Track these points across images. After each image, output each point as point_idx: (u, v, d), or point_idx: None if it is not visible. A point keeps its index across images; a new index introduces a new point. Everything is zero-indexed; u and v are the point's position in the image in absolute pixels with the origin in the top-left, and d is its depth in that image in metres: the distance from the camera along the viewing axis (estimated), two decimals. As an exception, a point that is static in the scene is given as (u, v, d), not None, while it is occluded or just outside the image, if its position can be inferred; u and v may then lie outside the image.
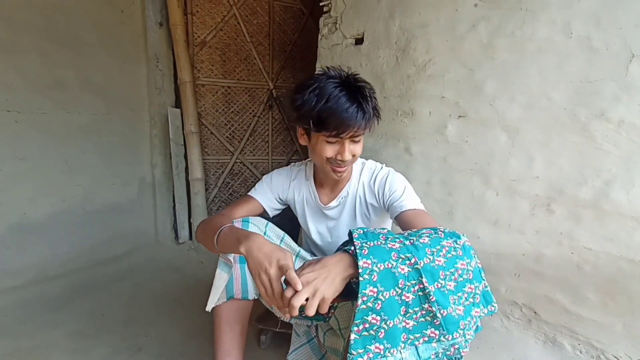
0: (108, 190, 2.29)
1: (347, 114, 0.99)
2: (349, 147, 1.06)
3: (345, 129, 1.01)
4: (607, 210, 1.26)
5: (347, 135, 1.03)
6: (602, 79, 1.24)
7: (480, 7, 1.43)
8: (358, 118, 1.01)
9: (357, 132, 1.03)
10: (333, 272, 0.77)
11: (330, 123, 1.01)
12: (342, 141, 1.05)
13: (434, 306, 0.74)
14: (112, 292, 1.93)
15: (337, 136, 1.03)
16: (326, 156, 1.08)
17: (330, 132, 1.02)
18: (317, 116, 1.01)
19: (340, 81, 1.03)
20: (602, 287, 1.30)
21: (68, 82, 2.04)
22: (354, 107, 1.00)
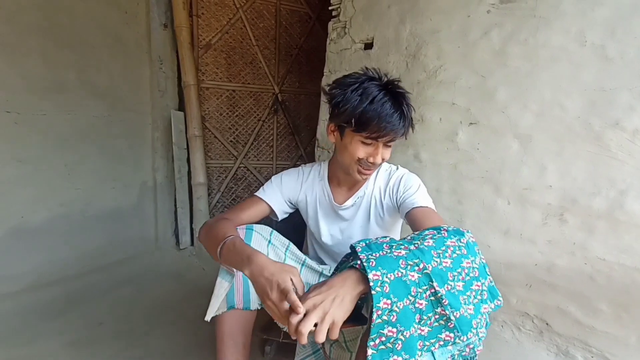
0: (108, 195, 2.25)
1: (391, 119, 1.01)
2: (382, 151, 1.07)
3: (386, 134, 1.02)
4: (622, 221, 1.24)
5: (386, 140, 1.04)
6: (616, 88, 1.23)
7: (493, 13, 1.42)
8: (400, 125, 1.03)
9: (394, 138, 1.05)
10: (341, 292, 0.72)
11: (372, 126, 1.02)
12: (377, 144, 1.06)
13: (447, 309, 0.73)
14: (111, 300, 1.88)
15: (376, 139, 1.04)
16: (358, 156, 1.08)
17: (369, 134, 1.03)
18: (360, 117, 1.01)
19: (382, 85, 1.04)
20: (616, 299, 1.28)
21: (69, 84, 2.01)
22: (398, 113, 1.02)
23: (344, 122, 1.05)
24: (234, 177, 2.71)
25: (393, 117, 1.01)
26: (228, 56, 2.52)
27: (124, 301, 1.88)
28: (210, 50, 2.47)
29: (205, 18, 2.43)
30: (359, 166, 1.10)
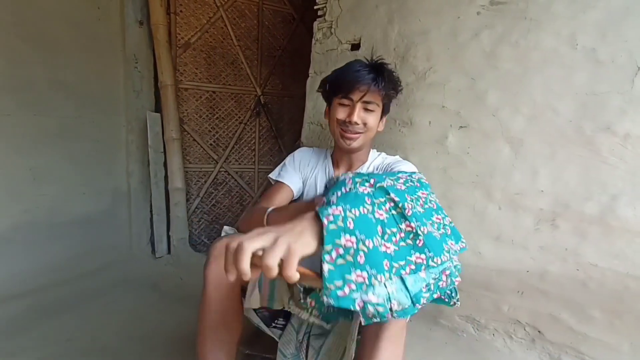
0: (77, 201, 2.11)
1: (358, 74, 1.10)
2: (359, 112, 1.13)
3: (355, 87, 1.10)
4: (614, 226, 1.23)
5: (357, 94, 1.11)
6: (608, 91, 1.21)
7: (483, 15, 1.39)
8: (367, 79, 1.10)
9: (367, 95, 1.11)
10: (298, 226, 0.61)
11: (342, 83, 1.13)
12: (353, 104, 1.13)
13: (412, 221, 0.66)
14: (80, 314, 1.74)
15: (348, 96, 1.13)
16: (337, 117, 1.16)
17: (342, 92, 1.13)
18: (333, 80, 1.17)
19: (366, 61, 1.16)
20: (609, 306, 1.26)
21: (37, 83, 1.88)
22: (366, 70, 1.11)
23: (326, 91, 1.19)
24: (214, 181, 2.60)
25: (360, 73, 1.10)
26: (208, 56, 2.43)
27: (94, 315, 1.74)
28: (189, 49, 2.37)
29: (184, 16, 2.33)
30: (341, 129, 1.17)
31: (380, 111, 1.18)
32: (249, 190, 2.71)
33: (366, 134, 1.17)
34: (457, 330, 1.56)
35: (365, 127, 1.15)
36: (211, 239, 2.65)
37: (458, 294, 0.80)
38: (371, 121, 1.15)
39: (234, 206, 2.69)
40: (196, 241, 2.58)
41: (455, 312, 1.56)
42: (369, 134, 1.18)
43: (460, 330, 1.56)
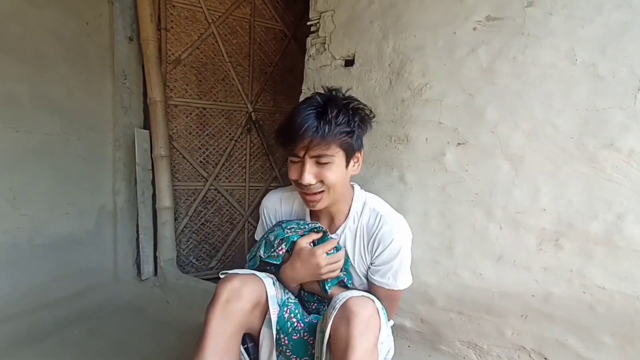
0: (60, 221, 2.02)
1: (301, 126, 0.93)
2: (310, 169, 0.98)
3: (296, 141, 0.95)
4: (621, 246, 1.18)
5: (300, 150, 0.96)
6: (609, 107, 1.18)
7: (480, 30, 1.37)
8: (308, 129, 0.93)
9: (312, 149, 0.95)
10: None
11: (284, 137, 0.98)
12: (302, 160, 0.98)
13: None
14: (61, 340, 1.65)
15: (293, 152, 0.99)
16: (291, 178, 1.03)
17: (286, 147, 1.00)
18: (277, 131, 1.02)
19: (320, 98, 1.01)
20: (619, 331, 1.20)
21: (20, 98, 1.81)
22: (310, 116, 0.95)
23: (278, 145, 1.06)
24: (204, 200, 2.53)
25: (306, 120, 0.94)
26: (199, 72, 2.39)
27: (75, 341, 1.65)
28: (180, 65, 2.34)
29: (174, 32, 2.30)
30: (300, 190, 1.04)
31: (341, 159, 1.01)
32: (239, 208, 2.64)
33: (330, 192, 1.02)
34: (458, 356, 1.48)
35: (323, 185, 1.00)
36: (200, 260, 2.56)
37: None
38: (330, 177, 0.99)
39: (224, 225, 2.61)
40: (184, 262, 2.48)
41: (456, 338, 1.48)
42: (334, 191, 1.02)
43: (461, 356, 1.48)
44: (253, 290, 0.96)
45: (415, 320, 1.55)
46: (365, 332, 0.82)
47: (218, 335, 0.90)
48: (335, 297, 0.92)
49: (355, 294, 0.90)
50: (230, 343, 0.92)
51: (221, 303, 0.92)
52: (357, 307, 0.84)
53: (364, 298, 0.89)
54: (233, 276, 0.97)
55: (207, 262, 2.58)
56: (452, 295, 1.46)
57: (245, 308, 0.94)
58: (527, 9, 1.29)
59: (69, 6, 1.96)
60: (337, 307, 0.87)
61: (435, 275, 1.48)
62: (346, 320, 0.83)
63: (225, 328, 0.91)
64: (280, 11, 2.56)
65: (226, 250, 2.64)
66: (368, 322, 0.84)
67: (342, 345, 0.82)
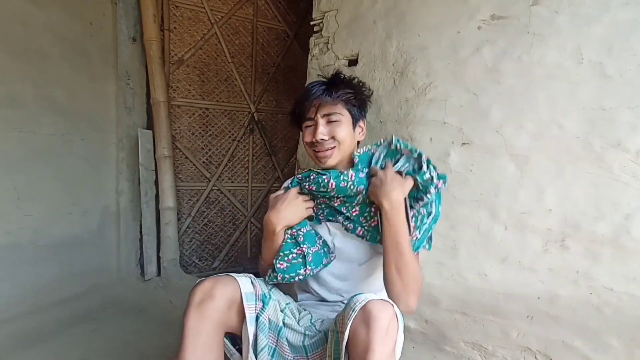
0: (64, 221, 2.03)
1: (311, 92, 1.13)
2: (322, 127, 1.12)
3: (309, 105, 1.13)
4: (629, 248, 1.17)
5: (312, 110, 1.13)
6: (617, 106, 1.17)
7: (484, 29, 1.36)
8: (319, 92, 1.12)
9: (323, 107, 1.12)
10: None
11: (299, 107, 1.16)
12: (316, 122, 1.13)
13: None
14: (65, 341, 1.65)
15: (307, 117, 1.14)
16: (306, 141, 1.17)
17: (303, 114, 1.16)
18: (292, 108, 1.19)
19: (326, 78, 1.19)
20: (627, 333, 1.19)
21: (24, 99, 1.82)
22: (320, 85, 1.14)
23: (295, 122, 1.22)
24: (206, 200, 2.54)
25: (313, 90, 1.13)
26: (202, 73, 2.40)
27: (79, 342, 1.66)
28: (183, 66, 2.34)
29: (177, 33, 2.31)
30: (313, 151, 1.17)
31: (348, 120, 1.16)
32: (241, 208, 2.64)
33: (340, 148, 1.14)
34: (463, 357, 1.47)
35: (335, 141, 1.13)
36: (203, 260, 2.56)
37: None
38: (340, 133, 1.13)
39: (226, 225, 2.61)
40: (187, 262, 2.49)
41: (460, 339, 1.47)
42: (343, 146, 1.15)
43: (466, 357, 1.47)
44: (225, 290, 0.97)
45: (420, 321, 1.55)
46: (385, 337, 0.83)
47: (196, 335, 0.93)
48: (352, 298, 0.92)
49: (375, 297, 0.91)
50: (208, 342, 0.95)
51: (195, 304, 0.95)
52: (377, 310, 0.85)
53: (384, 302, 0.89)
54: (205, 279, 1.01)
55: (210, 262, 2.58)
56: (456, 297, 1.45)
57: (219, 307, 0.96)
58: (532, 8, 1.28)
59: (72, 7, 1.97)
60: (357, 310, 0.87)
61: (440, 277, 1.47)
62: (366, 324, 0.83)
63: (201, 328, 0.94)
64: (282, 11, 2.56)
65: (229, 251, 2.64)
66: (388, 327, 0.84)
67: (362, 348, 0.83)
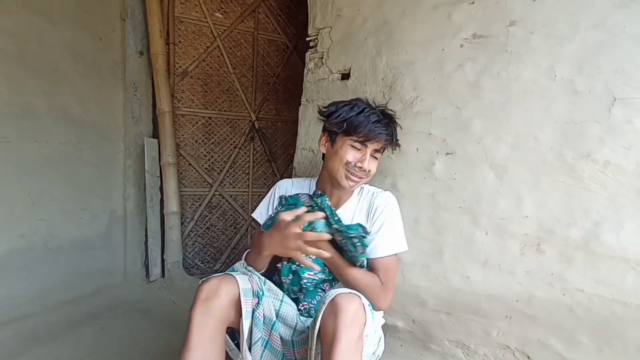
0: (74, 225, 2.14)
1: (376, 125, 1.18)
2: (369, 158, 1.20)
3: (374, 137, 1.18)
4: (598, 252, 1.24)
5: (372, 143, 1.19)
6: (586, 120, 1.25)
7: (466, 47, 1.45)
8: (383, 133, 1.19)
9: (380, 145, 1.21)
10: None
11: (361, 129, 1.18)
12: (365, 150, 1.20)
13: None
14: (74, 338, 1.75)
15: (364, 143, 1.19)
16: (347, 159, 1.20)
17: (359, 137, 1.18)
18: (349, 122, 1.19)
19: (371, 105, 1.24)
20: (597, 332, 1.27)
21: (39, 110, 1.94)
22: (383, 122, 1.20)
23: (335, 129, 1.21)
24: (209, 205, 2.64)
25: (378, 125, 1.18)
26: (205, 83, 2.51)
27: (87, 339, 1.75)
28: (187, 77, 2.45)
29: (182, 46, 2.42)
30: (347, 171, 1.20)
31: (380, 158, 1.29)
32: (242, 213, 2.74)
33: (367, 179, 1.25)
34: (448, 355, 1.56)
35: (369, 174, 1.23)
36: (205, 262, 2.66)
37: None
38: (374, 168, 1.25)
39: (228, 229, 2.71)
40: (190, 264, 2.59)
41: (445, 337, 1.56)
42: (369, 179, 1.27)
43: (450, 355, 1.55)
44: (229, 288, 1.06)
45: (407, 320, 1.63)
46: (351, 325, 0.91)
47: (201, 329, 1.02)
48: (326, 294, 1.01)
49: (344, 291, 1.00)
50: (212, 335, 1.03)
51: (201, 301, 1.04)
52: (344, 301, 0.94)
53: (351, 294, 0.98)
54: (211, 277, 1.10)
55: (212, 264, 2.68)
56: (441, 298, 1.53)
57: (223, 304, 1.05)
58: (509, 28, 1.37)
59: (84, 24, 2.09)
60: (326, 303, 0.97)
61: (426, 279, 1.55)
62: (334, 314, 0.92)
63: (206, 323, 1.02)
64: (282, 24, 2.67)
65: (230, 254, 2.74)
66: (354, 316, 0.93)
67: (330, 336, 0.92)
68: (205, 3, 2.43)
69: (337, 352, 0.89)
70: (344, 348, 0.89)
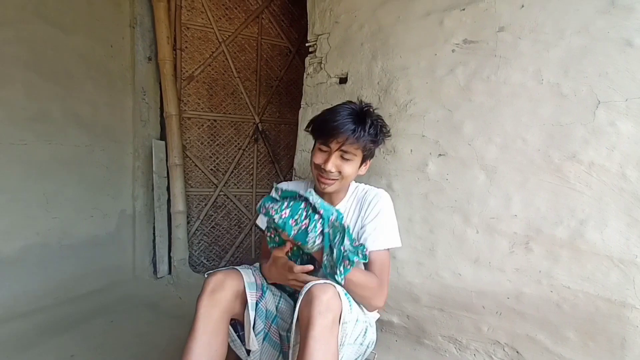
0: (86, 223, 2.23)
1: (339, 123, 1.13)
2: (335, 160, 1.17)
3: (333, 136, 1.14)
4: (583, 250, 1.28)
5: (334, 144, 1.15)
6: (572, 122, 1.29)
7: (458, 52, 1.50)
8: (347, 129, 1.13)
9: (344, 145, 1.15)
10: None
11: (323, 130, 1.16)
12: (330, 152, 1.17)
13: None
14: (84, 331, 1.83)
15: (327, 143, 1.16)
16: (315, 161, 1.20)
17: (321, 137, 1.18)
18: (318, 121, 1.19)
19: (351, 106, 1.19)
20: (582, 327, 1.30)
21: (52, 114, 2.03)
22: (349, 118, 1.14)
23: (308, 130, 1.23)
24: (214, 204, 2.71)
25: (345, 122, 1.13)
26: (210, 87, 2.59)
27: (97, 333, 1.83)
28: (193, 82, 2.54)
29: (188, 51, 2.51)
30: (317, 173, 1.21)
31: (359, 159, 1.23)
32: (246, 213, 2.81)
33: (342, 181, 1.22)
34: (440, 350, 1.60)
35: (340, 175, 1.20)
36: (210, 260, 2.74)
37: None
38: (347, 170, 1.19)
39: (232, 228, 2.79)
40: (196, 262, 2.67)
41: (438, 333, 1.60)
42: (345, 181, 1.23)
43: (443, 350, 1.60)
44: (234, 282, 1.13)
45: (402, 316, 1.68)
46: (325, 312, 0.96)
47: (206, 320, 1.07)
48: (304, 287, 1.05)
49: (320, 282, 1.04)
50: (217, 326, 1.09)
51: (207, 293, 1.10)
52: (318, 291, 0.99)
53: (325, 284, 1.03)
54: (217, 271, 1.16)
55: (217, 262, 2.76)
56: (434, 294, 1.58)
57: (228, 297, 1.11)
58: (498, 34, 1.42)
59: (95, 31, 2.19)
60: (303, 294, 1.02)
61: (420, 276, 1.60)
62: (309, 303, 0.97)
63: (211, 313, 1.08)
64: (285, 29, 2.74)
65: (234, 252, 2.82)
66: (328, 303, 0.97)
67: (305, 323, 0.97)
68: (210, 10, 2.51)
69: (311, 336, 0.93)
70: (318, 332, 0.93)
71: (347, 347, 1.08)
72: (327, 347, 0.95)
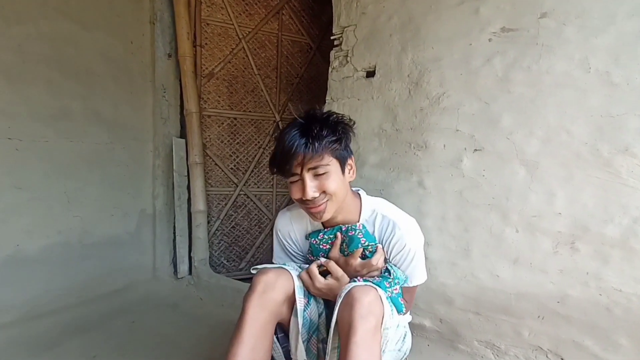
0: (107, 222, 2.21)
1: (287, 145, 1.01)
2: (310, 183, 1.04)
3: (289, 161, 1.02)
4: (637, 250, 1.20)
5: (296, 166, 1.02)
6: (624, 113, 1.21)
7: (495, 41, 1.43)
8: (298, 146, 1.01)
9: (307, 162, 1.02)
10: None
11: (279, 161, 1.05)
12: (300, 177, 1.04)
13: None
14: (106, 331, 1.81)
15: (290, 172, 1.04)
16: (294, 197, 1.09)
17: (283, 170, 1.06)
18: (271, 160, 1.08)
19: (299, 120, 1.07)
20: (636, 333, 1.22)
21: (74, 112, 2.02)
22: (296, 136, 1.02)
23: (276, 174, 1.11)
24: (234, 204, 2.68)
25: (293, 140, 1.01)
26: (230, 85, 2.55)
27: (118, 332, 1.80)
28: (213, 79, 2.50)
29: (208, 48, 2.48)
30: (305, 207, 1.10)
31: (336, 168, 1.08)
32: (267, 212, 2.77)
33: (333, 200, 1.07)
34: (476, 356, 1.53)
35: (326, 195, 1.06)
36: (230, 261, 2.70)
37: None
38: (330, 185, 1.05)
39: (253, 228, 2.75)
40: (216, 262, 2.63)
41: (474, 337, 1.53)
42: (337, 197, 1.08)
43: (479, 355, 1.52)
44: (285, 283, 1.06)
45: (435, 319, 1.61)
46: (367, 315, 0.90)
47: (254, 322, 1.00)
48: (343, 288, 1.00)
49: (359, 284, 0.99)
50: (264, 329, 1.02)
51: (258, 293, 1.02)
52: (359, 293, 0.93)
53: (366, 286, 0.97)
54: (268, 269, 1.08)
55: (237, 263, 2.72)
56: (469, 296, 1.50)
57: (278, 299, 1.04)
58: (540, 20, 1.34)
59: (116, 29, 2.17)
60: (342, 296, 0.96)
61: (453, 277, 1.53)
62: (350, 306, 0.91)
63: (260, 315, 1.01)
64: (306, 25, 2.69)
65: (255, 253, 2.77)
66: (369, 306, 0.91)
67: (346, 327, 0.91)
68: (230, 6, 2.48)
69: (354, 341, 0.87)
70: (361, 338, 0.87)
71: (387, 354, 1.02)
72: (370, 353, 0.89)
